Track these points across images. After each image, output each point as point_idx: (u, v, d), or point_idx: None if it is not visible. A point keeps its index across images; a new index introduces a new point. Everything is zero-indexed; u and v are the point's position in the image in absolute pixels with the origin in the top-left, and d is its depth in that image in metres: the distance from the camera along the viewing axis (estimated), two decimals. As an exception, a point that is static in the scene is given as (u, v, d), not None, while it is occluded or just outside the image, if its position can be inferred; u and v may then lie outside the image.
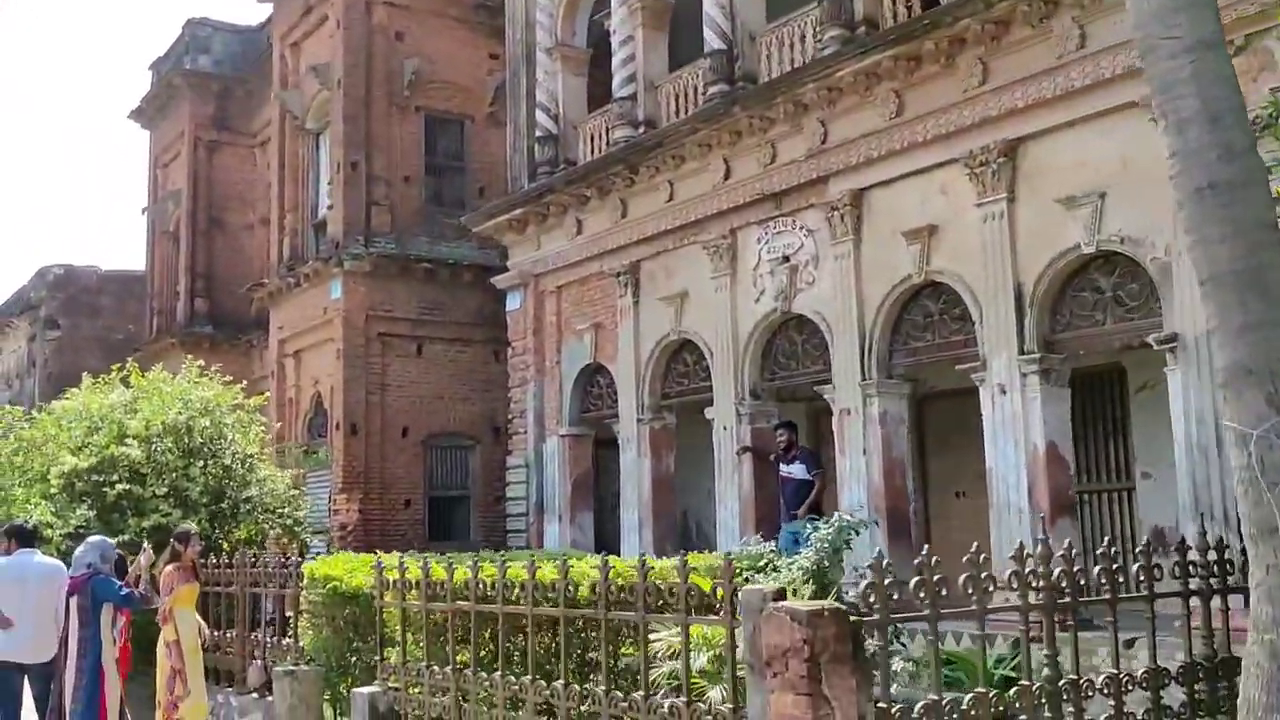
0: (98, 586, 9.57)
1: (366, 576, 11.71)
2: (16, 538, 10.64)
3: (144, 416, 14.56)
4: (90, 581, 9.59)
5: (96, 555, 9.77)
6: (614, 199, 16.94)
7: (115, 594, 9.60)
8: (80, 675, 9.44)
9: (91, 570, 9.66)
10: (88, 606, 9.48)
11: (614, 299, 17.14)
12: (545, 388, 18.45)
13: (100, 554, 9.80)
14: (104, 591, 9.60)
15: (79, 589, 9.62)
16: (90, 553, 9.78)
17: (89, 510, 13.53)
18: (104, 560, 9.81)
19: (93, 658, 9.45)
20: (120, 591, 9.64)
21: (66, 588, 9.85)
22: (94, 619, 9.49)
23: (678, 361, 16.36)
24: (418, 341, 20.50)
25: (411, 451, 20.15)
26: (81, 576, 9.65)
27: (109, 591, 9.61)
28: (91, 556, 9.74)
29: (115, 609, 9.71)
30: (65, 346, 35.82)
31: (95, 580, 9.60)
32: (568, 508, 17.88)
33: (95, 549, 9.83)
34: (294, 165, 22.26)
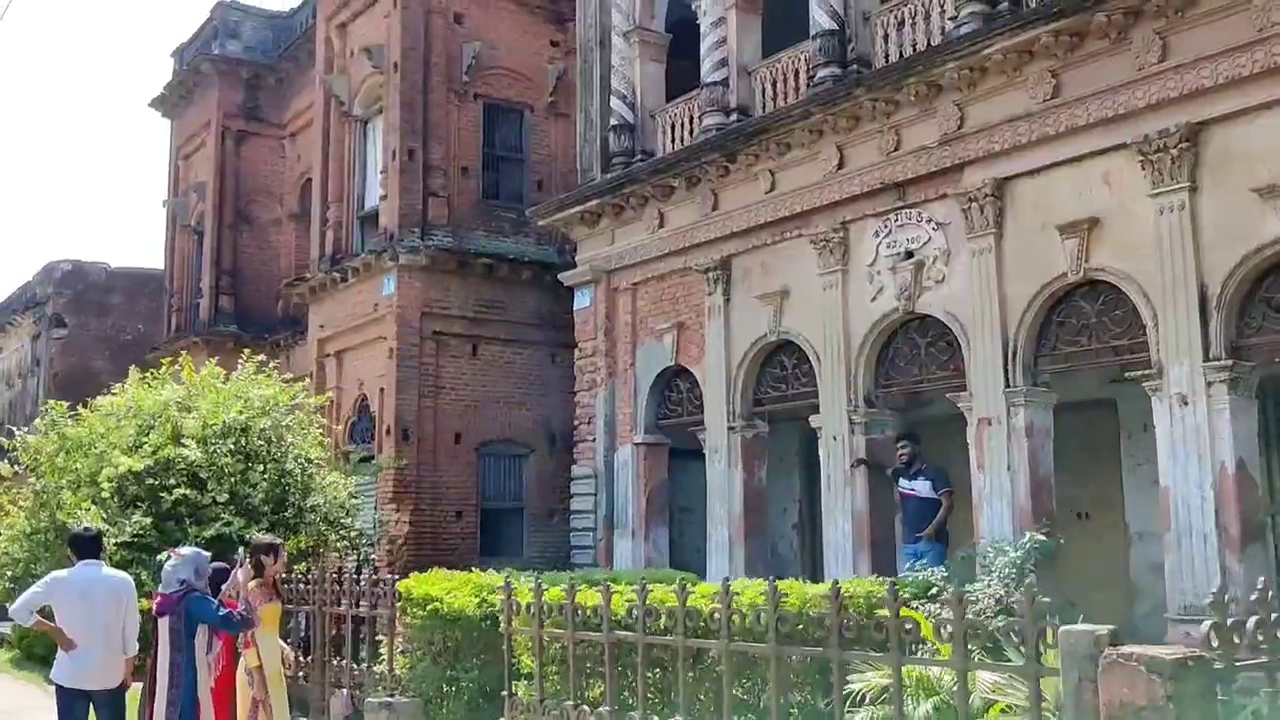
0: (192, 606, 8.30)
1: (470, 597, 10.50)
2: (78, 548, 9.37)
3: (201, 415, 13.28)
4: (184, 600, 8.31)
5: (191, 570, 8.47)
6: (704, 190, 15.73)
7: (212, 615, 8.33)
8: (171, 707, 8.21)
9: (185, 587, 8.37)
10: (180, 629, 8.23)
11: (700, 297, 15.91)
12: (617, 392, 17.20)
13: (195, 569, 8.51)
14: (200, 612, 8.32)
15: (171, 608, 8.33)
16: (183, 567, 8.48)
17: (144, 517, 12.22)
18: (198, 576, 8.52)
19: (186, 687, 8.21)
20: (218, 612, 8.35)
21: (156, 605, 8.56)
22: (187, 643, 8.25)
23: (773, 365, 15.14)
24: (473, 342, 19.22)
25: (464, 459, 18.85)
26: (174, 594, 8.36)
27: (205, 612, 8.33)
28: (185, 572, 8.44)
29: (211, 632, 8.41)
30: (72, 346, 34.38)
31: (190, 599, 8.32)
32: (642, 523, 16.61)
33: (189, 563, 8.53)
34: (339, 154, 20.97)
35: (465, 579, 10.91)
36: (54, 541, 12.64)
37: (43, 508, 12.95)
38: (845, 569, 13.25)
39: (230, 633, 8.48)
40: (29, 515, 13.07)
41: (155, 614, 8.47)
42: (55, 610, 9.00)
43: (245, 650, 9.31)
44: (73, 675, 8.96)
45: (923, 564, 12.15)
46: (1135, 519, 13.91)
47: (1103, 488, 14.27)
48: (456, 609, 10.37)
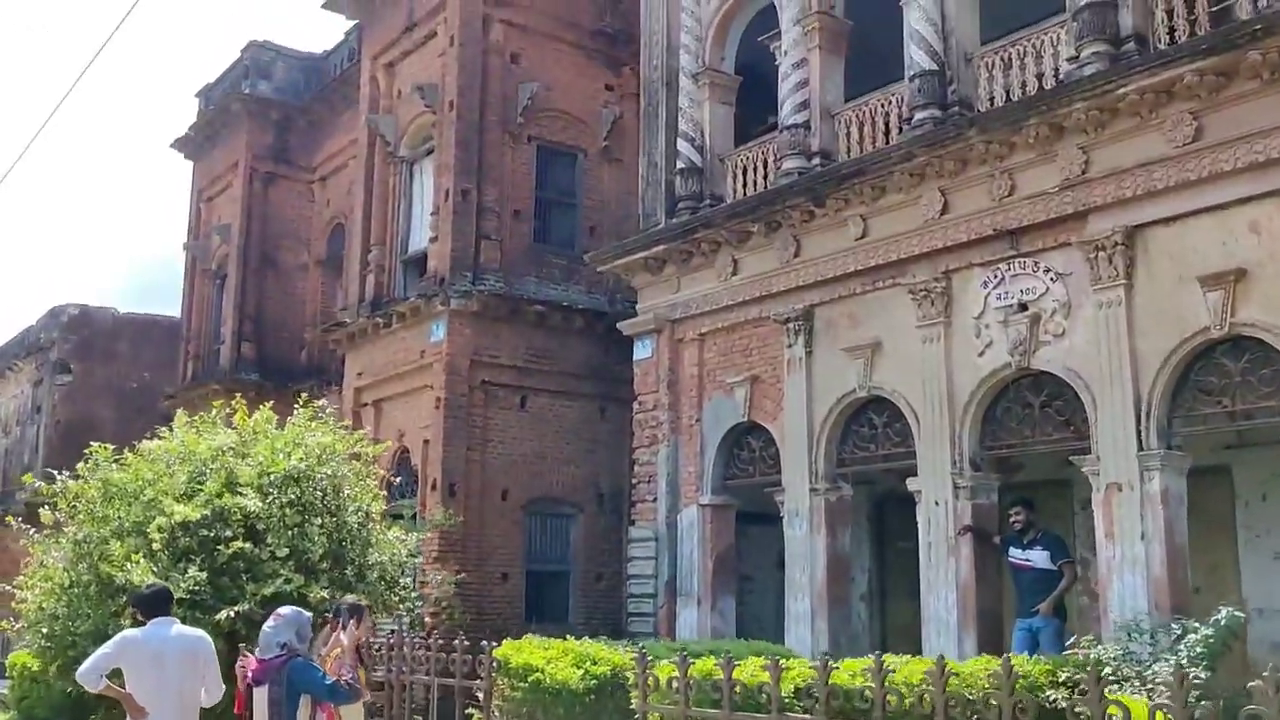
0: (296, 673, 7.28)
1: (571, 668, 9.49)
2: (145, 607, 8.37)
3: (258, 462, 12.24)
4: (286, 667, 7.27)
5: (292, 633, 7.43)
6: (785, 236, 14.91)
7: (319, 684, 7.30)
8: None
9: (287, 652, 7.34)
10: (282, 700, 7.20)
11: (778, 349, 15.04)
12: (680, 448, 16.24)
13: (296, 631, 7.48)
14: (303, 680, 7.29)
15: (270, 675, 7.31)
16: (284, 629, 7.44)
17: (199, 571, 11.15)
18: (300, 639, 7.49)
19: None
20: (324, 681, 7.32)
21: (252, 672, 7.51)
22: (289, 715, 7.21)
23: (861, 422, 14.23)
24: (522, 393, 18.27)
25: (511, 518, 17.82)
26: (275, 660, 7.32)
27: (310, 681, 7.30)
28: (286, 634, 7.41)
29: (315, 703, 7.36)
30: (76, 393, 33.29)
31: (293, 665, 7.29)
32: (708, 590, 15.58)
33: (290, 625, 7.49)
34: (382, 195, 20.14)
35: (563, 647, 9.92)
36: (96, 596, 11.53)
37: (83, 559, 11.84)
38: (949, 645, 12.25)
39: (337, 704, 7.43)
40: (67, 567, 11.97)
41: (251, 682, 7.44)
42: (126, 674, 8.02)
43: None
44: (147, 748, 7.95)
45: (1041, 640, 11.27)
46: (1254, 594, 12.98)
47: (1216, 560, 13.34)
48: (559, 680, 9.37)
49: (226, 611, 10.92)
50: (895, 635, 15.66)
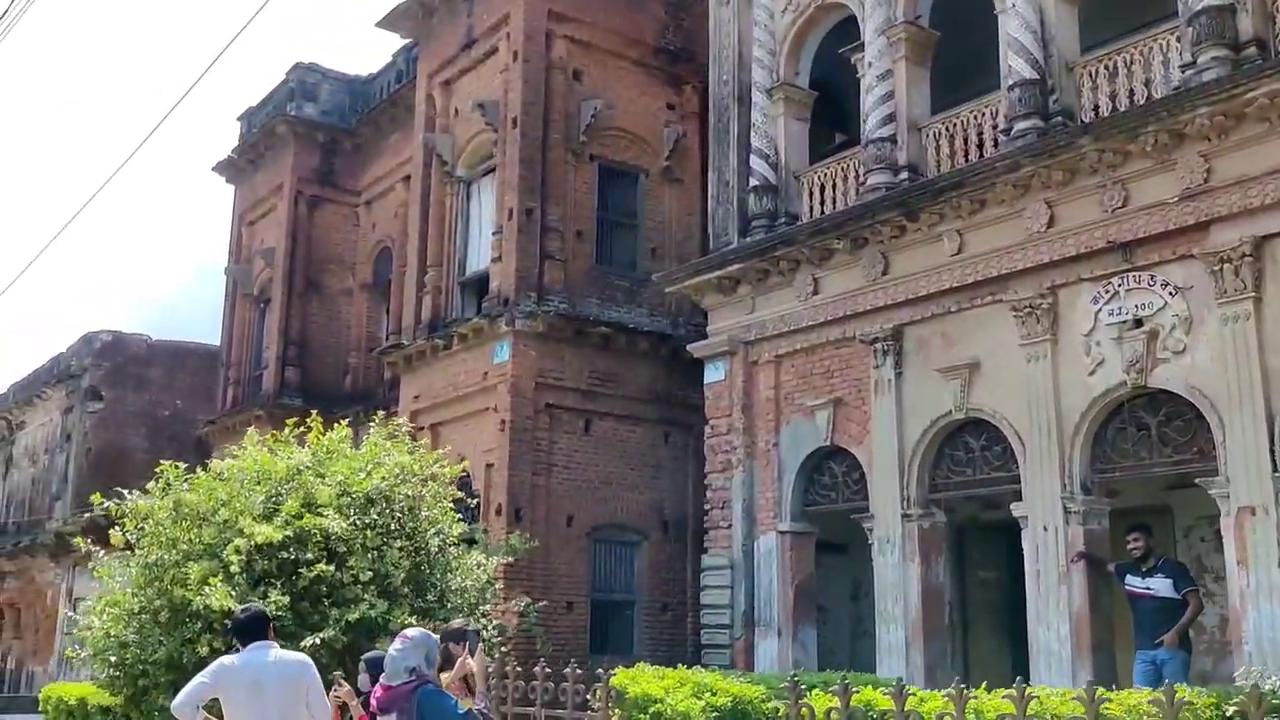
0: (427, 702, 6.55)
1: (692, 699, 8.89)
2: (242, 632, 7.76)
3: (337, 482, 11.69)
4: (417, 695, 6.57)
5: (420, 657, 6.71)
6: (872, 253, 14.39)
7: (451, 714, 6.56)
8: None
9: (416, 679, 6.64)
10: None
11: (863, 370, 14.49)
12: (756, 474, 15.65)
13: (425, 655, 6.76)
14: (434, 711, 6.55)
15: (398, 703, 6.62)
16: (412, 653, 6.73)
17: (281, 595, 10.57)
18: (428, 664, 6.78)
19: None
20: (457, 710, 6.62)
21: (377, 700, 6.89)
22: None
23: (956, 445, 13.65)
24: (586, 417, 17.71)
25: (576, 545, 17.20)
26: (404, 687, 6.63)
27: (442, 710, 6.56)
28: (414, 658, 6.70)
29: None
30: (108, 421, 32.82)
31: (424, 693, 6.57)
32: (789, 620, 14.95)
33: (418, 648, 6.77)
34: (439, 216, 19.66)
35: (679, 676, 9.31)
36: (169, 623, 10.96)
37: (153, 583, 11.27)
38: (1062, 679, 11.59)
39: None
40: (136, 591, 11.39)
41: (376, 711, 6.82)
42: (224, 705, 7.40)
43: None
44: (247, 786, 7.34)
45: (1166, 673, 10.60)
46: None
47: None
48: (681, 711, 8.76)
49: (311, 638, 10.34)
50: (980, 668, 14.98)
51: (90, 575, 27.63)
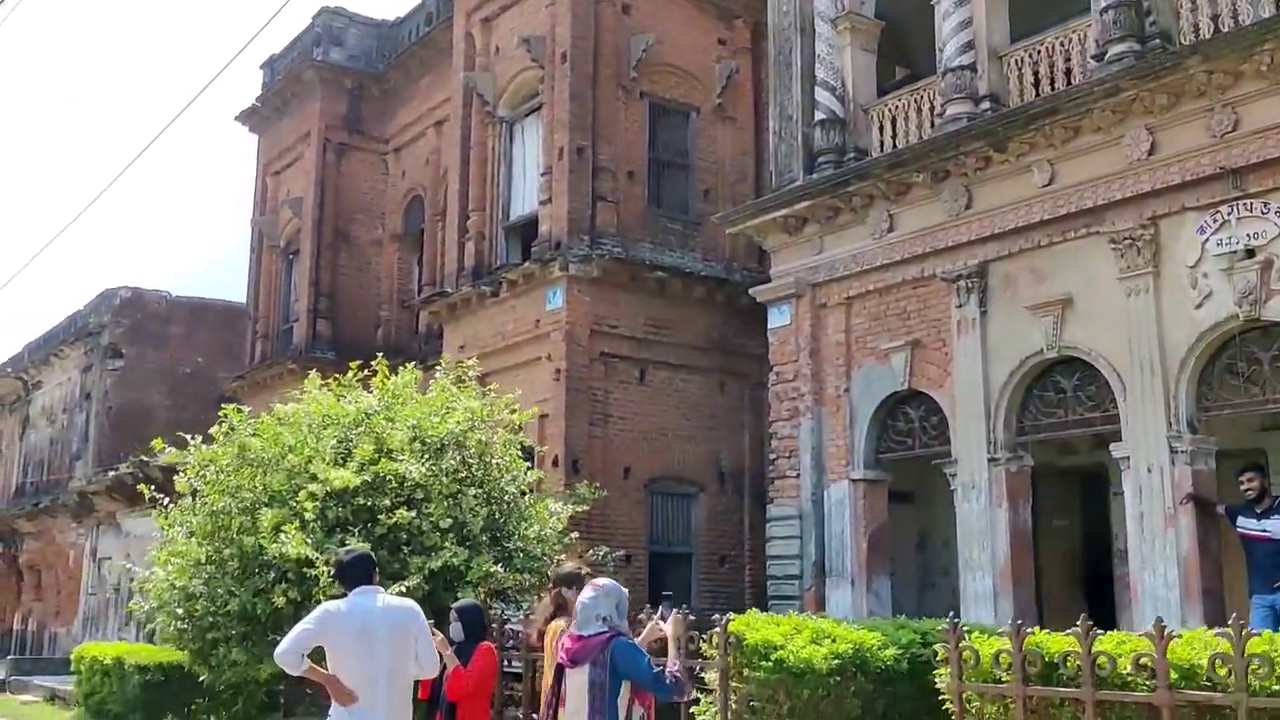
0: (620, 655, 5.95)
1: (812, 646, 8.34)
2: (348, 576, 7.21)
3: (411, 426, 11.10)
4: (610, 646, 5.97)
5: (611, 607, 6.13)
6: (953, 187, 13.75)
7: (644, 671, 5.98)
8: None
9: (610, 630, 6.04)
10: (605, 684, 5.90)
11: (943, 310, 13.88)
12: (825, 421, 15.08)
13: (617, 605, 6.17)
14: (628, 664, 5.96)
15: (591, 654, 6.01)
16: (603, 602, 6.15)
17: (360, 542, 10.00)
18: (619, 614, 6.16)
19: None
20: (650, 668, 6.01)
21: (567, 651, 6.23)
22: (610, 704, 5.92)
23: (1046, 386, 13.07)
24: (641, 366, 17.11)
25: (634, 497, 16.66)
26: (598, 638, 6.03)
27: (635, 666, 5.97)
28: (604, 607, 6.12)
29: (634, 692, 6.04)
30: (128, 379, 32.25)
31: (617, 645, 5.98)
32: (862, 570, 14.42)
33: (609, 597, 6.18)
34: (480, 158, 18.97)
35: (795, 623, 8.74)
36: (238, 573, 10.41)
37: (219, 531, 10.70)
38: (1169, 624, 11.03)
39: (661, 698, 6.16)
40: (202, 540, 10.82)
41: (567, 662, 6.19)
42: (329, 653, 6.87)
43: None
44: (351, 738, 6.82)
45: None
46: None
47: None
48: (803, 659, 8.21)
49: (395, 587, 9.78)
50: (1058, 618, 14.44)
51: (116, 533, 27.25)
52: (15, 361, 39.34)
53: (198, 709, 18.86)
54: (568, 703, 6.03)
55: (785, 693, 8.15)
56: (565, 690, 6.08)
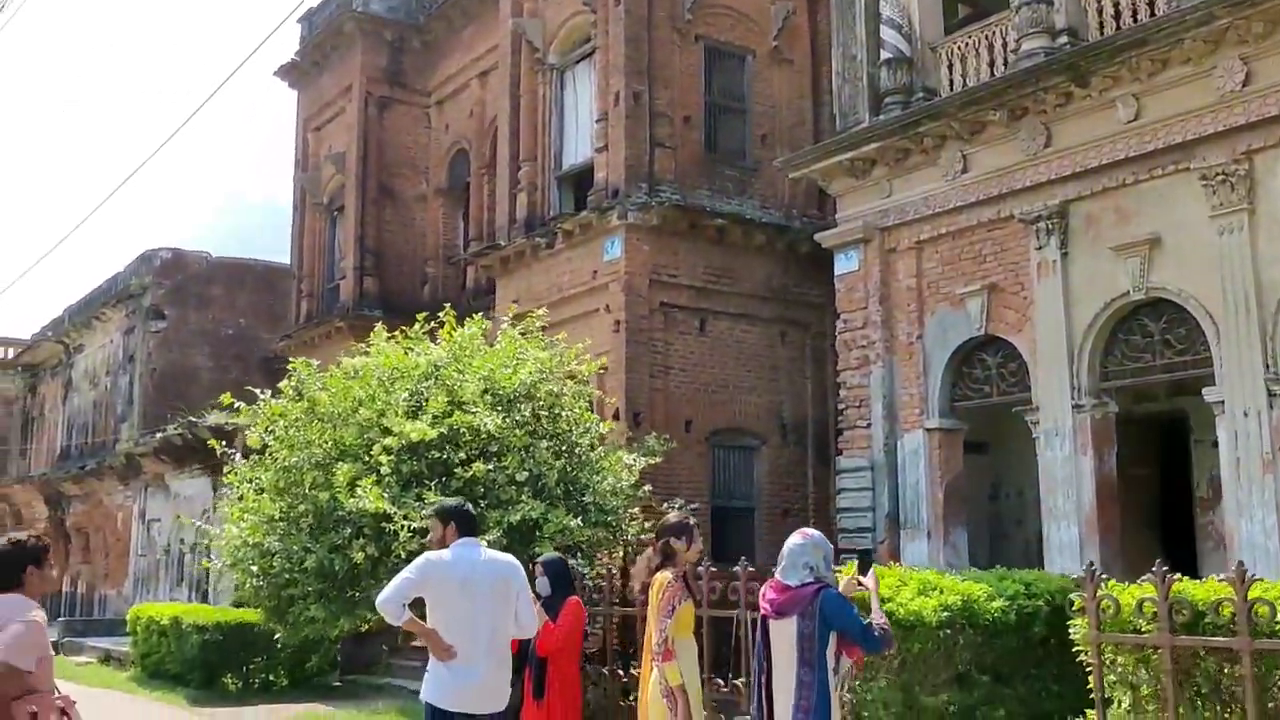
0: (830, 606, 5.76)
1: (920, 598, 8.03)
2: (458, 522, 6.95)
3: (482, 378, 10.79)
4: (819, 597, 5.77)
5: (819, 557, 5.95)
6: (1031, 125, 13.25)
7: (855, 623, 5.80)
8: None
9: (817, 581, 5.84)
10: (813, 634, 5.70)
11: (1021, 252, 13.43)
12: (897, 369, 14.69)
13: (824, 556, 5.99)
14: (838, 615, 5.77)
15: (800, 606, 5.79)
16: (810, 552, 5.95)
17: (437, 496, 9.72)
18: (827, 565, 5.99)
19: (819, 715, 5.67)
20: (860, 621, 5.84)
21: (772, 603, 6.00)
22: (819, 655, 5.72)
23: (1131, 329, 12.61)
24: (701, 316, 16.74)
25: (695, 450, 16.32)
26: (806, 589, 5.81)
27: (846, 617, 5.79)
28: (811, 557, 5.93)
29: (841, 644, 5.87)
30: (171, 340, 32.16)
31: (826, 596, 5.78)
32: (938, 522, 14.07)
33: (817, 547, 5.99)
34: (530, 108, 18.54)
35: (898, 574, 8.47)
36: (313, 528, 10.15)
37: (292, 487, 10.45)
38: (1267, 573, 10.63)
39: (869, 651, 5.99)
40: (274, 497, 10.58)
41: (771, 614, 5.97)
42: (429, 605, 6.61)
43: (663, 664, 6.88)
44: (454, 694, 6.59)
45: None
46: None
47: None
48: (912, 612, 7.91)
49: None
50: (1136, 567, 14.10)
51: (164, 495, 27.20)
52: (56, 325, 39.32)
53: (256, 668, 18.83)
54: (774, 654, 5.84)
55: (895, 647, 7.84)
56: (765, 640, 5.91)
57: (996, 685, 8.24)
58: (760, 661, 5.93)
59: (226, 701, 17.45)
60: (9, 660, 5.12)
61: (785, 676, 5.71)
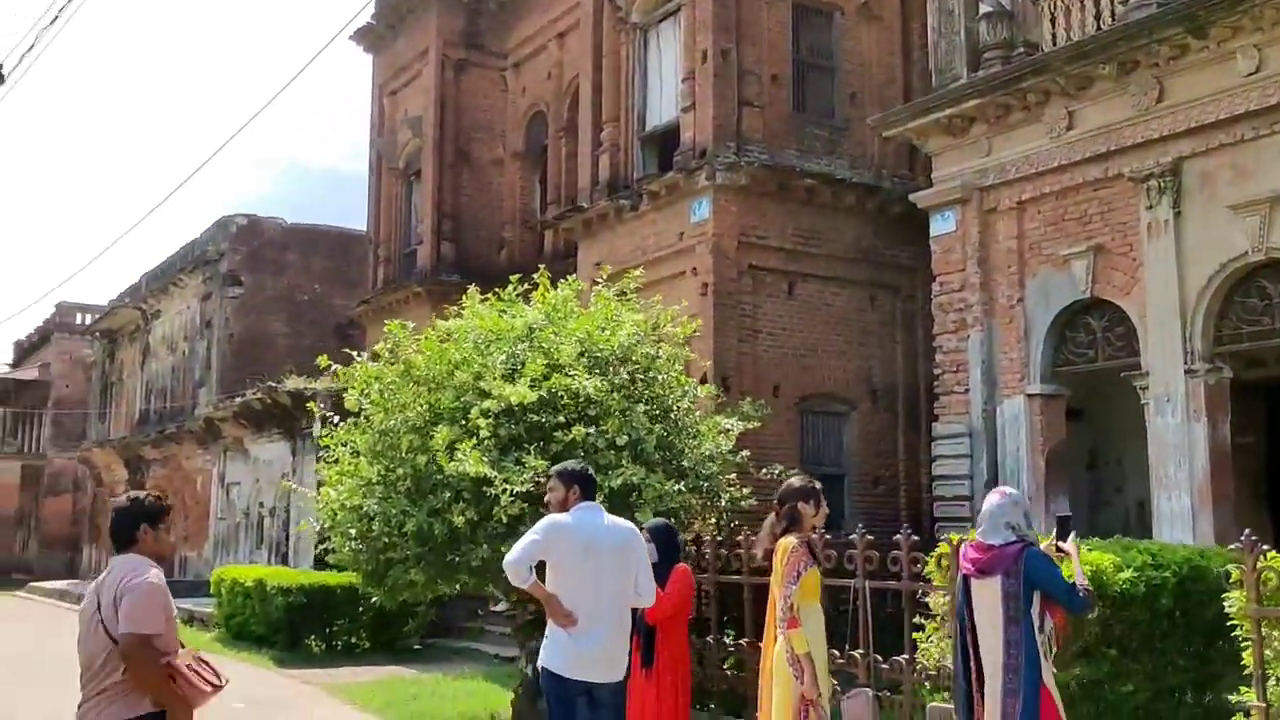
0: (1034, 565, 5.82)
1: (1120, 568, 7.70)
2: (581, 485, 6.79)
3: (579, 340, 10.56)
4: (1023, 557, 5.83)
5: (1020, 515, 6.04)
6: (1142, 79, 12.72)
7: (1060, 583, 5.84)
8: (1010, 699, 5.78)
9: (1020, 539, 5.90)
10: (1018, 593, 5.81)
11: (1130, 212, 12.94)
12: (997, 333, 14.27)
13: (1025, 513, 6.11)
14: (1043, 575, 5.84)
15: (1004, 565, 5.85)
16: (1010, 510, 6.02)
17: (537, 460, 9.52)
18: (1028, 523, 6.08)
19: (1029, 673, 5.74)
20: (1065, 581, 5.87)
21: (974, 562, 6.04)
22: (1026, 614, 5.83)
23: (1249, 292, 12.11)
24: (789, 279, 16.40)
25: (785, 416, 16.01)
26: (1010, 548, 5.86)
27: (1051, 577, 5.84)
28: (1012, 515, 6.01)
29: (1044, 603, 5.88)
30: (248, 306, 32.39)
31: (1032, 555, 5.85)
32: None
33: (1017, 505, 6.09)
34: (613, 67, 18.22)
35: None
36: (416, 493, 9.99)
37: (389, 450, 10.30)
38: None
39: (1074, 613, 6.01)
40: (371, 460, 10.45)
41: (974, 573, 5.97)
42: (551, 569, 6.44)
43: (788, 631, 6.65)
44: (574, 661, 6.44)
45: None
46: None
47: None
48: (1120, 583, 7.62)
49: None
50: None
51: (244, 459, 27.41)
52: (133, 292, 39.79)
53: (339, 630, 18.94)
54: (977, 614, 5.90)
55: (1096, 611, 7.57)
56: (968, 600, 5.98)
57: (1123, 659, 7.94)
58: (961, 620, 5.95)
59: (311, 663, 17.58)
60: (136, 631, 4.99)
61: (989, 636, 5.77)
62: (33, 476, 48.40)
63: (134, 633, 4.95)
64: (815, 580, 6.92)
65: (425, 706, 13.21)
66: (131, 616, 4.99)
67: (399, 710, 13.14)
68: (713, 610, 9.86)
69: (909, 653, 8.00)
